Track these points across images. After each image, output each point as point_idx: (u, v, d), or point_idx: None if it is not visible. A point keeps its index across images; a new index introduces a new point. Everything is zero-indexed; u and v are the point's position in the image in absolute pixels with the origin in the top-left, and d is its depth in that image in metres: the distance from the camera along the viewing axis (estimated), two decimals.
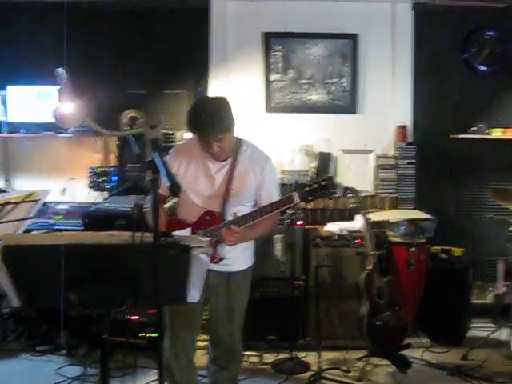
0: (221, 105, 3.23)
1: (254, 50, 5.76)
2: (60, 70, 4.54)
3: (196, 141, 3.30)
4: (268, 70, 5.75)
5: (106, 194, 5.39)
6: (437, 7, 5.76)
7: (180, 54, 5.71)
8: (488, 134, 5.81)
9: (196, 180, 3.35)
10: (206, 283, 3.30)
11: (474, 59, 5.88)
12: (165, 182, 2.51)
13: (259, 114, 5.76)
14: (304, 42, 5.75)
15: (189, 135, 5.27)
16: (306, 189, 3.23)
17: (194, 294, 2.51)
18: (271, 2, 5.66)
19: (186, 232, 3.26)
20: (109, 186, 5.31)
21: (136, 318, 4.70)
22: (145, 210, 3.12)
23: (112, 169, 5.32)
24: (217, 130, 3.13)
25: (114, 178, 5.31)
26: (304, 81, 5.77)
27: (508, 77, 5.92)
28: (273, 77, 5.76)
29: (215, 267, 3.36)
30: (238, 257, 3.47)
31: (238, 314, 3.57)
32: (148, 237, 2.34)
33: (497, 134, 5.82)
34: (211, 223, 3.31)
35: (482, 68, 5.90)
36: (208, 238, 2.76)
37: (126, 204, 4.81)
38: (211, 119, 3.10)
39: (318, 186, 3.23)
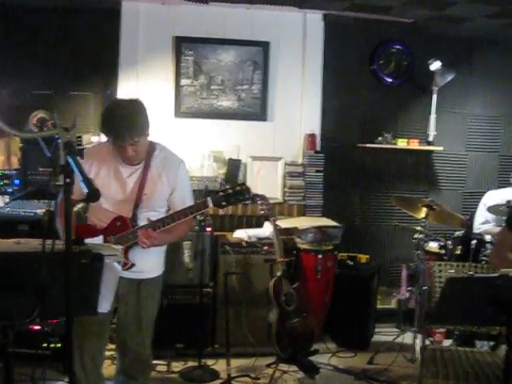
0: (136, 107, 3.16)
1: (164, 54, 5.66)
2: None
3: (108, 144, 3.22)
4: (178, 75, 5.66)
5: (7, 198, 5.15)
6: (347, 19, 5.83)
7: (89, 55, 5.51)
8: (393, 143, 5.96)
9: (107, 184, 3.26)
10: (116, 291, 3.30)
11: (381, 71, 6.01)
12: (78, 188, 2.38)
13: (168, 118, 5.66)
14: (215, 48, 5.69)
15: (96, 139, 5.18)
16: (221, 194, 3.21)
17: (105, 305, 2.43)
18: (184, 6, 5.57)
19: (99, 240, 3.16)
20: (10, 190, 5.07)
21: (39, 328, 4.50)
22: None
23: (14, 172, 5.09)
24: (132, 133, 3.06)
25: (17, 182, 5.07)
26: (215, 87, 5.72)
27: (413, 89, 6.11)
28: (183, 81, 5.67)
29: (126, 274, 3.29)
30: (149, 264, 3.40)
31: (148, 322, 3.50)
32: (59, 244, 2.22)
33: (402, 144, 5.99)
34: (122, 229, 3.24)
35: (389, 80, 6.04)
36: (121, 246, 2.69)
37: (28, 209, 4.61)
38: (126, 122, 3.04)
39: (233, 192, 3.21)
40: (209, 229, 5.03)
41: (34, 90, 5.46)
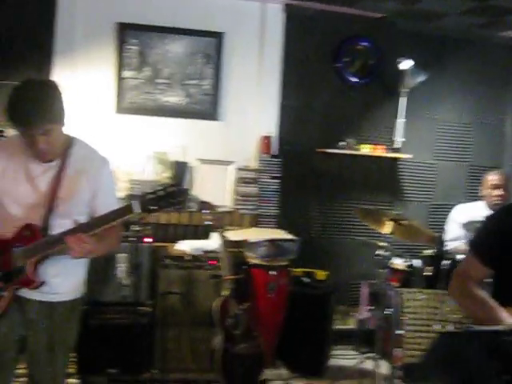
0: (48, 89, 2.70)
1: (106, 42, 5.22)
2: None
3: (19, 137, 2.73)
4: (121, 66, 5.23)
5: None
6: (310, 11, 5.54)
7: (18, 38, 5.02)
8: (357, 149, 5.69)
9: (15, 184, 2.78)
10: (23, 317, 2.83)
11: (345, 69, 5.74)
12: None
13: (108, 114, 5.24)
14: (163, 37, 5.29)
15: None
16: (150, 196, 2.63)
17: None
18: None
19: None
20: None
21: None
22: None
23: None
24: (43, 119, 2.59)
25: None
26: (161, 80, 5.31)
27: (380, 90, 5.85)
28: (126, 73, 5.24)
29: (35, 295, 2.81)
30: (66, 283, 2.91)
31: (63, 354, 3.00)
32: None
33: (366, 150, 5.71)
34: (31, 239, 2.72)
35: (354, 79, 5.77)
36: None
37: None
38: (36, 105, 2.57)
39: (164, 194, 2.62)
40: (148, 239, 4.62)
41: None
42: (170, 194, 2.63)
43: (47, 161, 2.78)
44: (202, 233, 5.23)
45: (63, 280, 2.87)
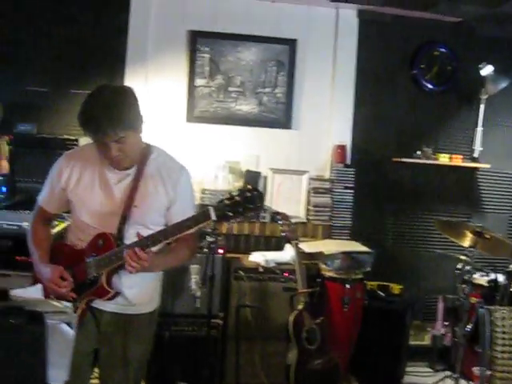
0: (122, 95, 2.61)
1: (178, 51, 5.17)
2: None
3: (93, 145, 2.68)
4: (193, 74, 5.16)
5: None
6: (384, 16, 5.35)
7: (92, 49, 5.02)
8: (434, 159, 5.46)
9: (90, 193, 2.72)
10: (97, 329, 2.77)
11: (421, 76, 5.51)
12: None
13: (180, 123, 5.17)
14: (235, 45, 5.20)
15: None
16: (227, 202, 2.49)
17: (56, 374, 1.75)
18: None
19: (37, 290, 2.42)
20: None
21: None
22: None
23: (1, 178, 4.52)
24: (114, 126, 2.50)
25: (3, 189, 4.52)
26: (233, 88, 5.22)
27: (458, 97, 5.61)
28: (198, 82, 5.17)
29: (109, 307, 2.74)
30: (141, 295, 2.83)
31: (136, 368, 2.91)
32: None
33: (443, 159, 5.47)
34: (105, 248, 2.64)
35: (430, 86, 5.53)
36: (69, 304, 2.04)
37: (13, 221, 4.06)
38: (107, 112, 2.48)
39: (241, 199, 2.47)
40: (221, 251, 4.51)
41: (29, 86, 4.97)
42: (247, 199, 2.49)
43: (123, 168, 2.72)
44: (275, 244, 5.13)
45: (138, 291, 2.80)
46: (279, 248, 5.02)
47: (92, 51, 5.04)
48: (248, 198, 2.47)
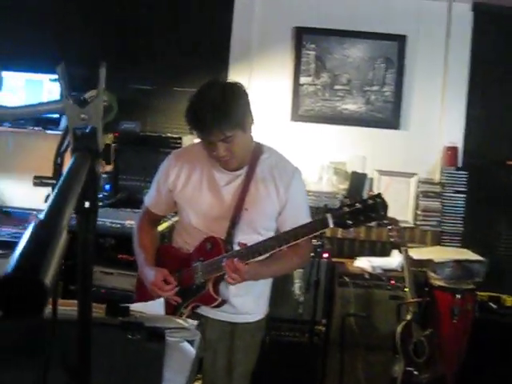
0: (230, 92, 2.48)
1: (282, 47, 5.07)
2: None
3: (200, 145, 2.60)
4: (298, 72, 5.03)
5: None
6: (503, 9, 5.02)
7: (196, 47, 5.04)
8: None
9: (198, 194, 2.64)
10: (202, 336, 2.66)
11: None
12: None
13: (284, 122, 5.07)
14: (342, 42, 5.03)
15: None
16: (345, 209, 2.36)
17: None
18: None
19: (159, 305, 2.24)
20: (100, 196, 4.53)
21: None
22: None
23: (105, 175, 4.54)
24: (221, 125, 2.38)
25: (106, 187, 4.53)
26: (339, 87, 5.06)
27: None
28: (303, 80, 5.04)
29: (215, 314, 2.66)
30: (248, 303, 2.74)
31: (242, 378, 2.82)
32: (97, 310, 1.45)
33: None
34: (213, 253, 2.54)
35: None
36: (194, 322, 1.93)
37: (116, 219, 4.10)
38: (216, 109, 2.37)
39: (362, 207, 2.35)
40: (326, 255, 4.34)
41: (132, 84, 5.03)
42: (370, 207, 2.34)
43: (232, 169, 2.61)
44: (380, 249, 4.95)
45: (246, 299, 2.70)
46: (384, 254, 4.84)
47: (195, 48, 5.04)
48: (370, 205, 2.33)
